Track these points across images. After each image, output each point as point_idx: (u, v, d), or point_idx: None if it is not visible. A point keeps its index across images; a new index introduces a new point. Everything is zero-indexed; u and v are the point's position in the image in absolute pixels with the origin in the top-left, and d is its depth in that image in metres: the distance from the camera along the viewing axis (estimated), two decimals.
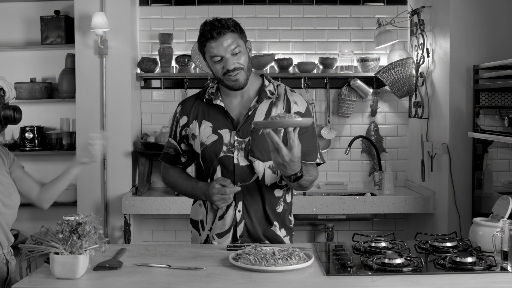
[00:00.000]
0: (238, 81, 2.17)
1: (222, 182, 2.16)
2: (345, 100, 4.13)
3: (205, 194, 2.20)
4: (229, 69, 2.14)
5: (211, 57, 2.16)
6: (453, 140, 3.42)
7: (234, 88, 2.19)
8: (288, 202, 2.33)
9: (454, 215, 3.41)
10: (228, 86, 2.20)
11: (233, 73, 2.15)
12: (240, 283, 1.75)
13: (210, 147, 2.23)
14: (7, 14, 4.30)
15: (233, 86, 2.19)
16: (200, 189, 2.23)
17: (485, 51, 3.37)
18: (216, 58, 2.15)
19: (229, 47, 2.13)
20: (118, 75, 3.97)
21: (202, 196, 2.24)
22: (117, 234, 3.98)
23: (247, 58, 2.19)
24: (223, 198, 2.16)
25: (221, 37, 2.13)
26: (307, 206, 3.76)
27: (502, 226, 1.95)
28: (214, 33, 2.12)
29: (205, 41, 2.16)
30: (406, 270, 1.85)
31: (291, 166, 1.99)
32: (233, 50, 2.14)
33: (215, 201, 2.17)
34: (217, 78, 2.22)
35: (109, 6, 3.94)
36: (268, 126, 1.93)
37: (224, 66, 2.15)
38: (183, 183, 2.32)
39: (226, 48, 2.13)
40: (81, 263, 1.79)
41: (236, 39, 2.16)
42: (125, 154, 4.00)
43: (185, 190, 2.32)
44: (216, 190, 2.15)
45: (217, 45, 2.13)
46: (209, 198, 2.19)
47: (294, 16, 4.21)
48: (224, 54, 2.14)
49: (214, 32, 2.13)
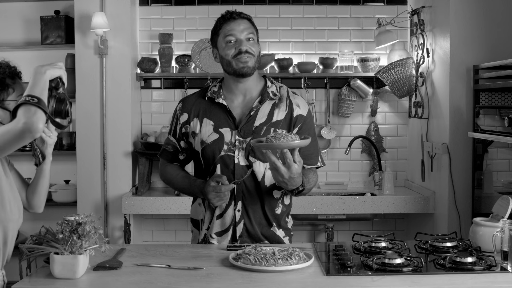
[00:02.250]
0: (247, 65, 2.18)
1: (218, 179, 2.14)
2: (345, 100, 4.13)
3: (202, 192, 2.19)
4: (241, 50, 2.17)
5: (226, 37, 2.19)
6: (453, 140, 3.42)
7: (242, 71, 2.19)
8: (287, 204, 2.33)
9: (454, 215, 3.41)
10: (236, 70, 2.19)
11: (245, 55, 2.17)
12: (240, 283, 1.75)
13: (210, 146, 2.23)
14: (7, 14, 4.30)
15: (241, 68, 2.19)
16: (198, 187, 2.22)
17: (485, 51, 3.37)
18: (231, 38, 2.19)
19: (245, 31, 2.20)
20: (118, 75, 3.97)
21: (200, 194, 2.22)
22: (117, 234, 3.98)
23: (257, 50, 2.23)
24: (218, 196, 2.13)
25: (239, 20, 2.21)
26: (307, 206, 3.76)
27: (502, 226, 1.95)
28: (234, 15, 2.21)
29: (223, 22, 2.21)
30: (406, 270, 1.85)
31: (292, 182, 2.03)
32: (248, 35, 2.20)
33: (211, 199, 2.15)
34: (225, 65, 2.22)
35: (109, 6, 3.94)
36: (266, 148, 1.97)
37: (236, 47, 2.18)
38: (181, 181, 2.31)
39: (243, 31, 2.19)
40: (81, 263, 1.78)
41: (252, 29, 2.23)
42: (125, 154, 4.00)
43: (183, 187, 2.31)
44: (211, 188, 2.13)
45: (234, 26, 2.19)
46: (205, 196, 2.17)
47: (294, 16, 4.21)
48: (240, 36, 2.18)
49: (233, 14, 2.21)
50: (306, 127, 2.28)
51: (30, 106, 1.72)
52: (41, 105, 1.73)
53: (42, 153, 2.07)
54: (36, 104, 1.72)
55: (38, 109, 1.73)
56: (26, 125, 1.71)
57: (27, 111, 1.72)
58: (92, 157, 3.97)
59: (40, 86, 1.78)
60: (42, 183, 2.14)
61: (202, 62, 4.08)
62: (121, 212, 3.86)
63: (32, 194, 2.15)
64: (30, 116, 1.72)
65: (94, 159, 3.97)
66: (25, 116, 1.71)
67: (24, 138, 1.74)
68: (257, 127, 2.22)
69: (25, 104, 1.73)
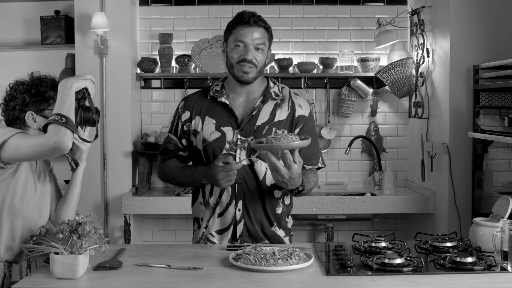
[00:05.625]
0: (247, 75, 2.19)
1: (224, 160, 2.12)
2: (345, 100, 4.13)
3: (207, 176, 2.16)
4: (245, 59, 2.17)
5: (235, 40, 2.19)
6: (453, 140, 3.42)
7: (241, 79, 2.20)
8: (287, 204, 2.33)
9: (454, 215, 3.41)
10: (236, 76, 2.21)
11: (248, 64, 2.17)
12: (240, 283, 1.75)
13: (212, 144, 2.23)
14: (7, 14, 4.29)
15: (240, 77, 2.20)
16: (200, 172, 2.20)
17: (485, 51, 3.37)
18: (240, 43, 2.18)
19: (256, 40, 2.18)
20: (118, 75, 3.97)
21: (203, 179, 2.19)
22: (117, 234, 3.98)
23: (263, 60, 2.22)
24: (228, 175, 2.11)
25: (254, 27, 2.18)
26: (307, 206, 3.76)
27: (502, 226, 1.95)
28: (251, 20, 2.18)
29: (238, 24, 2.19)
30: (406, 270, 1.85)
31: (292, 182, 2.04)
32: (258, 45, 2.19)
33: (220, 180, 2.11)
34: (228, 66, 2.23)
35: (109, 6, 3.94)
36: (266, 149, 1.97)
37: (242, 54, 2.17)
38: (181, 172, 2.30)
39: (254, 39, 2.18)
40: (81, 263, 1.79)
41: (265, 38, 2.21)
42: (125, 154, 4.00)
43: (184, 178, 2.28)
44: (220, 168, 2.10)
45: (247, 32, 2.17)
46: (212, 178, 2.14)
47: (294, 16, 4.21)
48: (250, 43, 2.17)
49: (252, 19, 2.18)
50: (308, 127, 2.29)
51: (59, 126, 1.88)
52: (68, 125, 1.89)
53: (74, 160, 2.21)
54: (64, 124, 1.88)
55: (67, 129, 1.88)
56: (57, 144, 1.89)
57: (57, 129, 1.88)
58: (92, 157, 3.97)
59: (67, 103, 1.93)
60: (72, 192, 2.24)
61: (202, 62, 4.08)
62: (121, 212, 3.86)
63: (61, 205, 2.24)
64: (61, 135, 1.88)
65: (94, 159, 3.96)
66: (55, 135, 1.88)
67: (54, 154, 1.93)
68: (259, 126, 2.23)
69: (54, 123, 1.88)
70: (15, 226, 2.07)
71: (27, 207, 2.09)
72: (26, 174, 2.09)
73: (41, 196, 2.16)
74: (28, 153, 1.93)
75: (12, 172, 2.04)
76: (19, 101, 2.09)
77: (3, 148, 1.94)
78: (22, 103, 2.09)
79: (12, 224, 2.07)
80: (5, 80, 2.38)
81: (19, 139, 1.94)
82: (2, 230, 2.05)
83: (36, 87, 2.11)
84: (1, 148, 1.94)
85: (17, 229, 2.08)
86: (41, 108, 2.10)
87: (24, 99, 2.09)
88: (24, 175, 2.07)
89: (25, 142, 1.93)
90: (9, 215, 2.06)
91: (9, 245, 2.06)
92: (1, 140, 1.94)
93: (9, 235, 2.06)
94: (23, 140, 1.94)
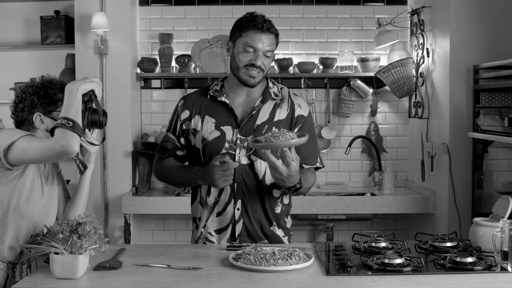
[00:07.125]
0: (254, 79, 2.20)
1: (221, 159, 2.12)
2: (345, 100, 4.13)
3: (203, 176, 2.16)
4: (255, 64, 2.17)
5: (246, 45, 2.17)
6: (453, 140, 3.42)
7: (247, 83, 2.20)
8: (286, 203, 2.33)
9: (454, 215, 3.41)
10: (242, 79, 2.20)
11: (256, 70, 2.18)
12: (240, 283, 1.75)
13: (212, 143, 2.23)
14: (7, 14, 4.29)
15: (247, 80, 2.20)
16: (196, 173, 2.19)
17: (485, 51, 3.37)
18: (250, 49, 2.17)
19: (267, 47, 2.18)
20: (118, 75, 3.97)
21: (199, 179, 2.19)
22: (117, 234, 3.98)
23: (270, 65, 2.24)
24: (225, 175, 2.11)
25: (267, 34, 2.18)
26: (307, 206, 3.76)
27: (502, 226, 1.95)
28: (264, 26, 2.17)
29: (250, 28, 2.18)
30: (406, 270, 1.85)
31: (290, 179, 2.06)
32: (267, 52, 2.19)
33: (217, 180, 2.11)
34: (233, 67, 2.21)
35: (109, 6, 3.94)
36: (264, 148, 1.98)
37: (251, 59, 2.17)
38: (177, 171, 2.29)
39: (265, 46, 2.18)
40: (81, 263, 1.79)
41: (274, 45, 2.22)
42: (125, 154, 4.00)
43: (180, 177, 2.27)
44: (217, 168, 2.10)
45: (259, 38, 2.17)
46: (209, 179, 2.13)
47: (294, 16, 4.21)
48: (260, 50, 2.17)
49: (265, 25, 2.18)
50: (307, 127, 2.30)
51: (66, 129, 1.87)
52: (75, 129, 1.88)
53: (82, 162, 2.22)
54: (70, 128, 1.87)
55: (74, 133, 1.88)
56: (64, 148, 1.88)
57: (64, 133, 1.88)
58: None
59: (74, 106, 1.92)
60: (81, 194, 2.27)
61: (202, 62, 4.08)
62: (121, 212, 3.86)
63: (69, 206, 2.27)
64: (68, 139, 1.87)
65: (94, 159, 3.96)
66: (62, 139, 1.87)
67: (61, 157, 1.92)
68: (259, 126, 2.23)
69: (61, 127, 1.88)
70: (20, 228, 2.07)
71: (33, 209, 2.09)
72: (33, 176, 2.09)
73: (48, 198, 2.17)
74: (35, 156, 1.94)
75: (19, 173, 2.05)
76: (27, 103, 2.11)
77: (11, 150, 1.94)
78: (30, 104, 2.10)
79: (17, 226, 2.07)
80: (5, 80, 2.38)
81: (27, 142, 1.94)
82: (7, 231, 2.05)
83: (45, 89, 2.12)
84: (8, 150, 1.94)
85: (22, 230, 2.08)
86: (49, 109, 2.11)
87: (32, 100, 2.10)
88: (31, 177, 2.08)
89: (33, 145, 1.93)
90: (15, 216, 2.06)
91: (13, 245, 2.07)
92: (9, 142, 1.94)
93: (13, 236, 2.07)
94: (31, 143, 1.94)
